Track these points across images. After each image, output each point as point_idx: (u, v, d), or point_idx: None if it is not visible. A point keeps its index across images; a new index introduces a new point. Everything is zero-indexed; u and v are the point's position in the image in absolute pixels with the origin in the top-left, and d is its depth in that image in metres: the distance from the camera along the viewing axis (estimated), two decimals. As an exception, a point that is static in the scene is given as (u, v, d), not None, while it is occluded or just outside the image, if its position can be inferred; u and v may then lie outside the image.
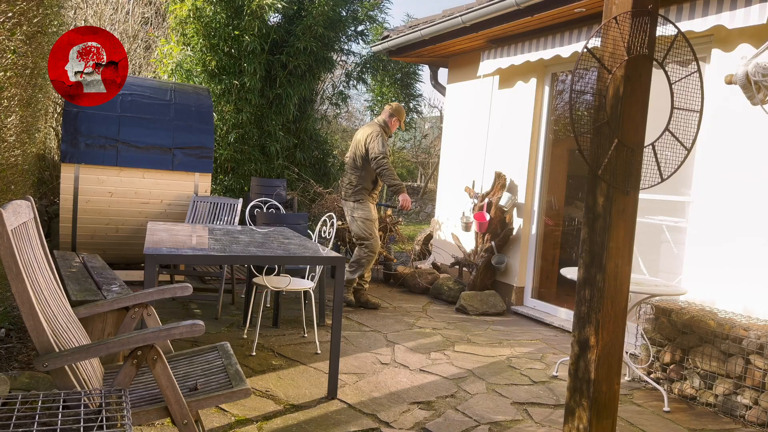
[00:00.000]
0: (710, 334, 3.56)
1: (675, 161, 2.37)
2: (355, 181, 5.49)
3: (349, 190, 5.51)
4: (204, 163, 6.13)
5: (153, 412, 1.91)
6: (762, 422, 3.27)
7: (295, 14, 9.19)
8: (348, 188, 5.52)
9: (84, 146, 5.64)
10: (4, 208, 1.70)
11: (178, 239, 3.59)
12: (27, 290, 1.67)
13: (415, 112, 12.50)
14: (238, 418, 2.96)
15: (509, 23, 5.36)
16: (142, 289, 2.47)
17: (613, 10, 2.32)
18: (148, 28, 11.40)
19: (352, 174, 5.51)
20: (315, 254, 3.37)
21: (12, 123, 3.88)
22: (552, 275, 6.10)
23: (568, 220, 6.35)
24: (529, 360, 4.31)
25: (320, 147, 9.98)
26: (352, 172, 5.50)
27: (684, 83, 2.40)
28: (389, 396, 3.40)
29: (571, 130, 2.24)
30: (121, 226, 5.86)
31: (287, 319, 4.95)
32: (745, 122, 4.03)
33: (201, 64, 8.64)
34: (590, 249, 2.35)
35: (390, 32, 7.47)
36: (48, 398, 1.60)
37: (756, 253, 3.93)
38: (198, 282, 5.98)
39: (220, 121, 8.82)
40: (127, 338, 1.81)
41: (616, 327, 2.34)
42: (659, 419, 3.37)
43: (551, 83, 5.86)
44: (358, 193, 5.46)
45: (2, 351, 3.41)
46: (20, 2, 3.39)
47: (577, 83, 2.26)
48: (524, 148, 5.94)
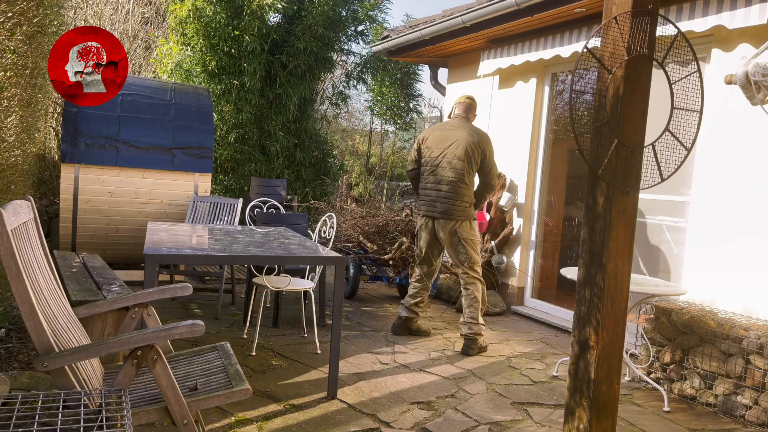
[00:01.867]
0: (710, 334, 3.56)
1: (675, 161, 2.37)
2: (464, 193, 4.42)
3: (455, 205, 4.40)
4: (204, 163, 6.13)
5: (153, 412, 1.91)
6: (762, 422, 3.27)
7: (295, 14, 9.19)
8: (452, 203, 4.40)
9: (84, 146, 5.64)
10: (4, 208, 1.70)
11: (178, 239, 3.59)
12: (27, 290, 1.67)
13: (415, 112, 12.50)
14: (238, 418, 2.96)
15: (509, 23, 5.35)
16: (142, 289, 2.47)
17: (613, 10, 2.32)
18: (148, 28, 11.40)
19: (458, 185, 4.39)
20: (315, 254, 3.37)
21: (12, 123, 3.88)
22: (552, 275, 6.10)
23: (568, 220, 6.35)
24: (529, 360, 4.30)
25: (320, 147, 9.98)
26: (459, 183, 4.40)
27: (684, 83, 2.40)
28: (389, 396, 3.40)
29: (571, 130, 2.24)
30: (121, 226, 5.86)
31: (287, 319, 4.95)
32: (745, 122, 4.03)
33: (201, 64, 8.64)
34: (590, 249, 2.35)
35: (390, 32, 7.47)
36: (48, 398, 1.60)
37: (756, 253, 3.92)
38: (198, 282, 5.98)
39: (220, 121, 8.82)
40: (127, 338, 1.81)
41: (616, 327, 2.34)
42: (659, 419, 3.37)
43: (551, 83, 5.86)
44: (468, 209, 4.47)
45: (2, 351, 3.41)
46: (20, 2, 3.39)
47: (577, 83, 2.26)
48: (524, 148, 5.94)
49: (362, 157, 13.96)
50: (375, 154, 14.37)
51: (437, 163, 4.45)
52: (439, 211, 4.43)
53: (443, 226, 4.44)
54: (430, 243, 4.57)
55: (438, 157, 4.45)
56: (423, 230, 4.59)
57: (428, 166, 4.51)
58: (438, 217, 4.44)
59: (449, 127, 4.55)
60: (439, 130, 4.58)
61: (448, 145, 4.45)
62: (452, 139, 4.46)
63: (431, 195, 4.47)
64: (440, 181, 4.43)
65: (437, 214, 4.44)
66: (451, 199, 4.41)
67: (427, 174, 4.53)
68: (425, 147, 4.56)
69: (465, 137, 4.43)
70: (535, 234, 5.93)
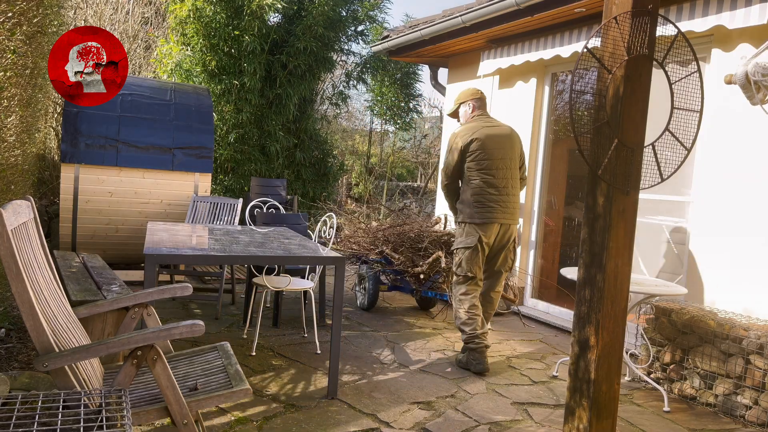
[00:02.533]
0: (710, 334, 3.56)
1: (675, 161, 2.37)
2: (517, 198, 4.18)
3: (516, 211, 4.14)
4: (204, 163, 6.13)
5: (153, 412, 1.91)
6: (762, 422, 3.27)
7: (295, 14, 9.19)
8: (516, 205, 4.15)
9: (84, 146, 5.64)
10: (4, 208, 1.70)
11: (178, 239, 3.59)
12: (27, 290, 1.67)
13: (415, 112, 12.50)
14: (238, 418, 2.96)
15: (509, 23, 5.36)
16: (142, 289, 2.47)
17: (613, 10, 2.32)
18: (148, 28, 11.39)
19: (514, 188, 4.13)
20: (315, 254, 3.37)
21: (12, 123, 3.88)
22: (552, 275, 6.10)
23: (568, 220, 6.35)
24: (529, 360, 4.30)
25: (320, 147, 9.98)
26: (514, 186, 4.13)
27: (684, 83, 2.40)
28: (389, 396, 3.40)
29: (571, 130, 2.24)
30: (121, 226, 5.86)
31: (287, 319, 4.95)
32: (745, 122, 4.03)
33: (201, 64, 8.64)
34: (590, 249, 2.35)
35: (390, 32, 7.47)
36: (48, 398, 1.60)
37: (756, 253, 3.93)
38: (198, 282, 5.98)
39: (220, 121, 8.82)
40: (127, 338, 1.81)
41: (616, 327, 2.34)
42: (659, 419, 3.37)
43: (551, 83, 5.86)
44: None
45: (2, 351, 3.41)
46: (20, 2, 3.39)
47: (577, 83, 2.26)
48: (524, 148, 5.94)
49: (362, 157, 13.96)
50: (375, 154, 14.37)
51: (497, 166, 4.04)
52: (512, 217, 4.09)
53: (511, 230, 4.13)
54: (499, 251, 4.14)
55: (499, 159, 4.05)
56: (491, 239, 4.05)
57: (487, 170, 4.03)
58: (511, 222, 4.11)
59: (495, 124, 4.16)
60: (487, 127, 4.12)
61: (505, 144, 4.08)
62: (505, 138, 4.10)
63: (501, 200, 4.03)
64: (505, 184, 4.05)
65: (510, 219, 4.08)
66: (516, 201, 4.15)
67: (484, 177, 4.03)
68: (479, 149, 4.04)
69: (512, 134, 4.15)
70: (535, 234, 5.93)
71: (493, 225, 4.01)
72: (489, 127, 4.11)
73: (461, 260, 4.07)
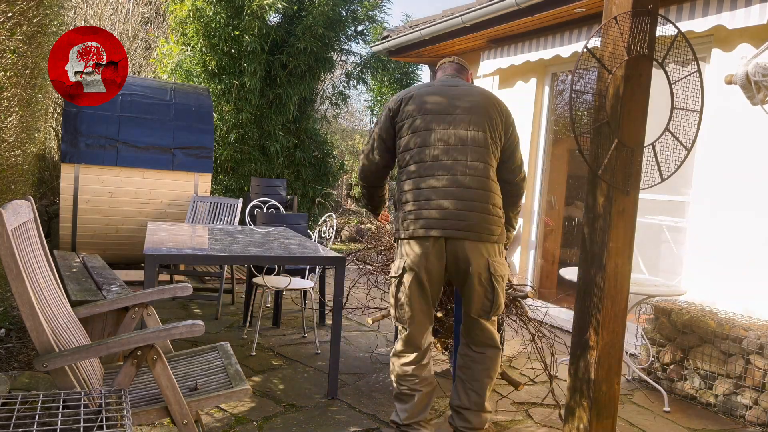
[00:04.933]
0: (710, 334, 3.56)
1: (675, 161, 2.37)
2: (495, 190, 2.64)
3: (489, 222, 2.58)
4: (204, 163, 6.13)
5: (153, 412, 1.91)
6: (762, 422, 3.27)
7: (295, 14, 9.19)
8: (483, 219, 2.57)
9: (84, 146, 5.64)
10: (4, 208, 1.70)
11: (178, 239, 3.59)
12: (27, 290, 1.67)
13: (415, 112, 12.48)
14: (238, 418, 2.96)
15: (509, 23, 5.35)
16: (142, 289, 2.47)
17: (613, 10, 2.32)
18: (148, 28, 11.40)
19: (485, 180, 2.61)
20: (315, 254, 3.37)
21: (12, 123, 3.88)
22: (552, 275, 6.10)
23: (568, 220, 6.35)
24: (529, 360, 4.30)
25: (320, 147, 9.98)
26: (476, 176, 2.59)
27: (684, 83, 2.40)
28: (389, 396, 3.40)
29: (571, 130, 2.24)
30: (121, 226, 5.86)
31: (287, 319, 4.95)
32: (745, 122, 4.03)
33: (201, 64, 8.64)
34: (590, 249, 2.35)
35: (390, 32, 7.47)
36: (48, 398, 1.60)
37: (756, 253, 3.93)
38: (198, 282, 5.98)
39: (220, 121, 8.82)
40: (127, 338, 1.81)
41: (616, 327, 2.34)
42: (659, 419, 3.37)
43: (551, 83, 5.86)
44: (503, 224, 2.69)
45: (2, 351, 3.41)
46: (20, 2, 3.39)
47: (577, 83, 2.26)
48: (524, 147, 5.94)
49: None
50: (375, 154, 14.35)
51: (444, 142, 2.59)
52: (468, 226, 2.54)
53: (470, 252, 2.54)
54: (435, 285, 2.62)
55: (449, 130, 2.60)
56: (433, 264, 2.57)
57: (425, 147, 2.60)
58: (459, 236, 2.53)
59: (452, 84, 2.74)
60: (438, 86, 2.73)
61: (462, 109, 2.62)
62: (463, 99, 2.65)
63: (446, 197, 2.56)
64: (457, 171, 2.56)
65: (464, 230, 2.54)
66: (480, 202, 2.57)
67: (418, 165, 2.61)
68: (414, 114, 2.65)
69: (482, 99, 2.66)
70: (535, 234, 5.93)
71: (428, 240, 2.55)
72: (439, 86, 2.73)
73: (391, 302, 2.71)
